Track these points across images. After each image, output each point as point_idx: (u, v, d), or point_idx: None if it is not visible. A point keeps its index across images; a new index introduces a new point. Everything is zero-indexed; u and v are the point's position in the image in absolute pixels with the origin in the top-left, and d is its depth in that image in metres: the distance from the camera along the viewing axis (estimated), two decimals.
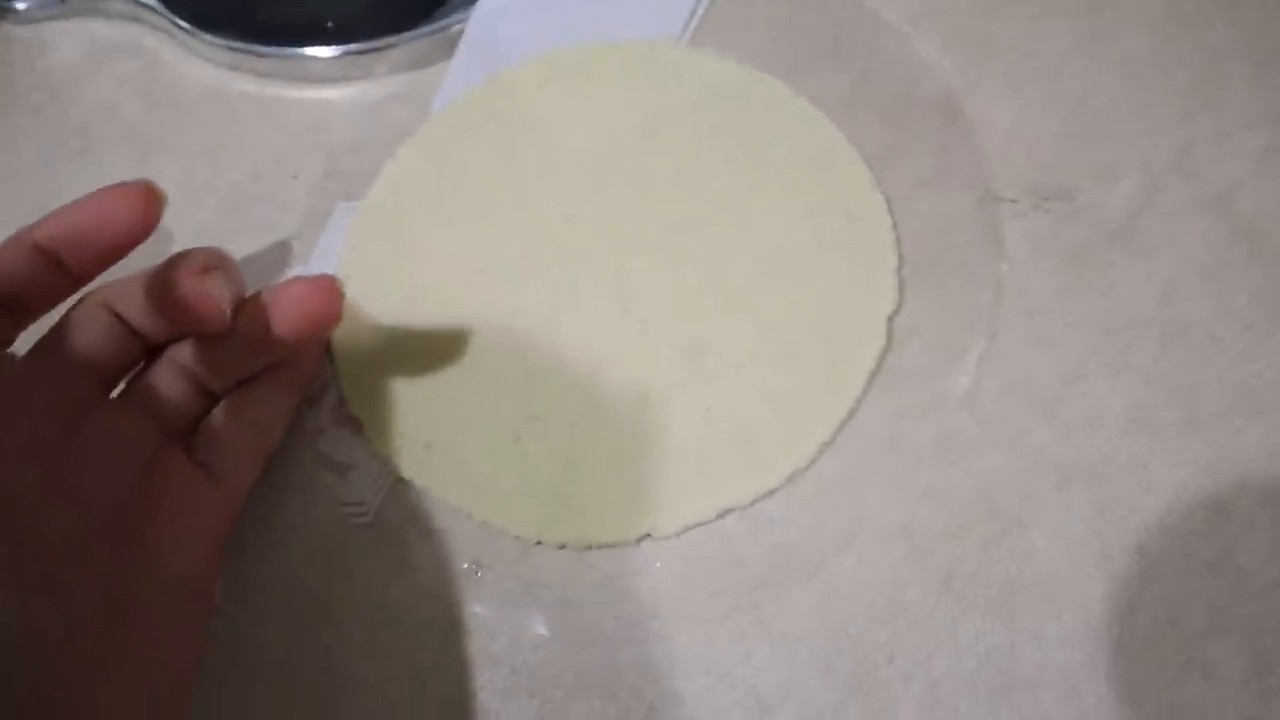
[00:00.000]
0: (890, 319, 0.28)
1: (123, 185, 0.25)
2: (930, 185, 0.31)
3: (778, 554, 0.26)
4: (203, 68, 0.37)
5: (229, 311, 0.25)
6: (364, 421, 0.29)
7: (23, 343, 0.26)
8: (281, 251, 0.33)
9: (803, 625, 0.25)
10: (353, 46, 0.35)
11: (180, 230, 0.32)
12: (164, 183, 0.26)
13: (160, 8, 0.36)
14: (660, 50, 0.34)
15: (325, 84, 0.36)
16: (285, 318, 0.26)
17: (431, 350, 0.30)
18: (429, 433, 0.29)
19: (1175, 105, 0.32)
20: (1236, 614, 0.24)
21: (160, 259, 0.26)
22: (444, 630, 0.26)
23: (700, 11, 0.34)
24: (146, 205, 0.25)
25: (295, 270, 0.32)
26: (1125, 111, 0.32)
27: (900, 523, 0.26)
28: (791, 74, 0.33)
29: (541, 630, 0.26)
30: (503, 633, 0.26)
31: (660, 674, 0.25)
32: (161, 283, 0.25)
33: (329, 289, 0.27)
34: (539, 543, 0.27)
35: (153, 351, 0.27)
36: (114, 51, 0.37)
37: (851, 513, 0.26)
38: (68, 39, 0.38)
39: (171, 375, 0.27)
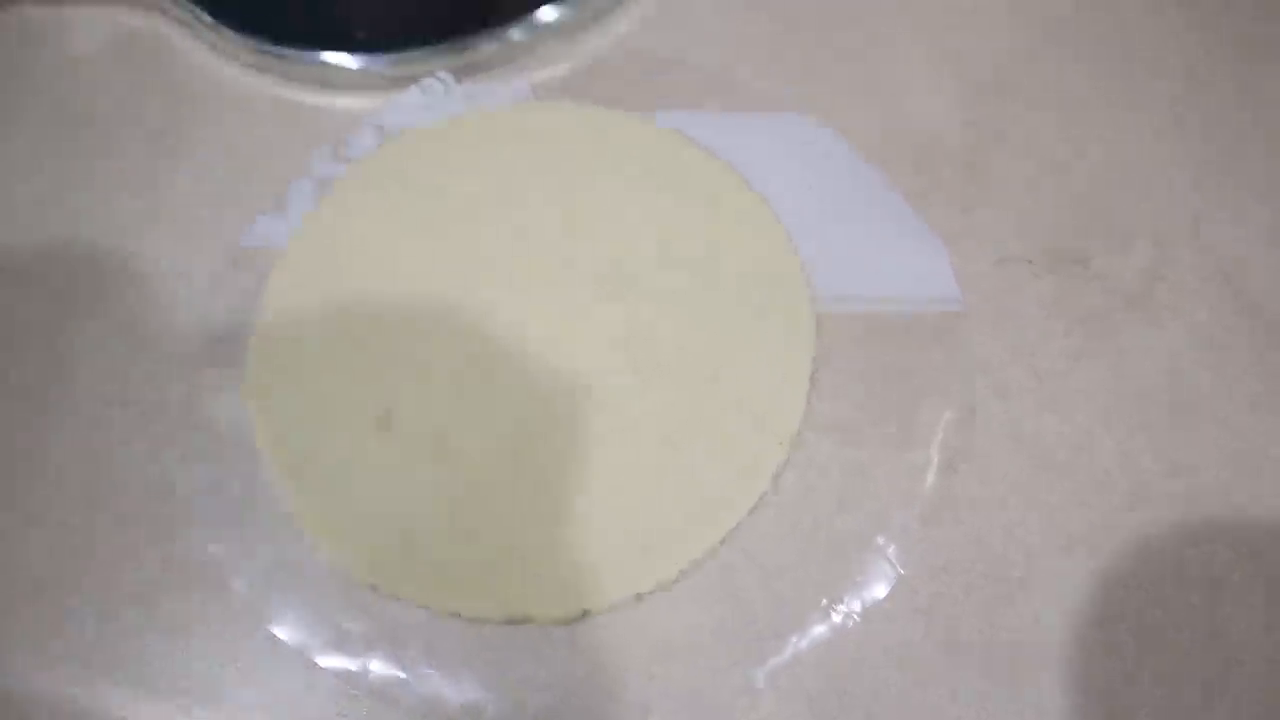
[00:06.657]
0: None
1: None
2: (952, 240, 0.31)
3: (780, 602, 0.26)
4: (224, 65, 0.36)
5: None
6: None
7: None
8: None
9: (808, 680, 0.25)
10: (376, 58, 0.35)
11: (180, 245, 0.32)
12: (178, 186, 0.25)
13: (187, 2, 0.35)
14: (583, 112, 0.34)
15: (348, 92, 0.36)
16: None
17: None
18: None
19: (1189, 172, 0.32)
20: (1230, 689, 0.24)
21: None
22: None
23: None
24: None
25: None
26: (1141, 174, 0.32)
27: (907, 579, 0.26)
28: (820, 113, 0.33)
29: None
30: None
31: None
32: None
33: None
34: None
35: None
36: (134, 41, 0.37)
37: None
38: (85, 23, 0.37)
39: None
